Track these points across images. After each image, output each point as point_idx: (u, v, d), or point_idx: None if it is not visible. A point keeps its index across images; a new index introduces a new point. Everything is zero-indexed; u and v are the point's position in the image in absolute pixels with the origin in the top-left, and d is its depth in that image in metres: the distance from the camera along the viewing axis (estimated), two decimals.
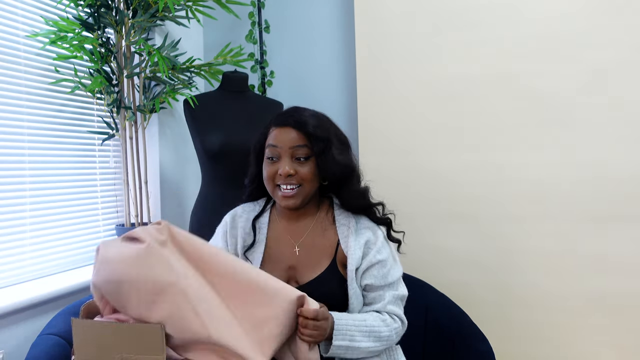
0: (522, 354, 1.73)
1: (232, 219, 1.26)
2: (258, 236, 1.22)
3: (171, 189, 2.17)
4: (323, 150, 1.13)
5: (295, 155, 1.14)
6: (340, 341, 1.05)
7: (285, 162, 1.13)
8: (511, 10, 1.75)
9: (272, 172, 1.15)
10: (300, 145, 1.13)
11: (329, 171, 1.14)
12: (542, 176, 1.71)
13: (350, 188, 1.19)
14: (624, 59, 1.63)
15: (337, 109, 2.13)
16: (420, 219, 1.86)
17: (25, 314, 1.48)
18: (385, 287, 1.15)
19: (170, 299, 0.98)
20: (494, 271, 1.77)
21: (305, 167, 1.14)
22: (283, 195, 1.15)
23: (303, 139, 1.14)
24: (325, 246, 1.18)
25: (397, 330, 1.15)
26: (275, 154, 1.15)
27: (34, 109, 1.65)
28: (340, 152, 1.16)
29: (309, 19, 2.21)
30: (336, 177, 1.15)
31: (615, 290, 1.64)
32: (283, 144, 1.14)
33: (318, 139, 1.13)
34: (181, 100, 1.95)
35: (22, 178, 1.61)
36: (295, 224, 1.22)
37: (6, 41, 1.56)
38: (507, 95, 1.75)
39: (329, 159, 1.13)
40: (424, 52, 1.86)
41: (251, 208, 1.27)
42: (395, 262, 1.20)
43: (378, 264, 1.15)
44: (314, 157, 1.14)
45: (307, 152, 1.14)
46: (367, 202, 1.21)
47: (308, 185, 1.15)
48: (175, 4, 1.85)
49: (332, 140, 1.16)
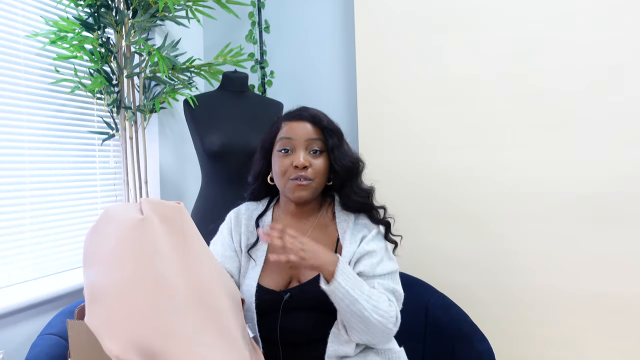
0: (522, 354, 1.74)
1: (236, 216, 1.28)
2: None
3: (171, 189, 2.17)
4: (337, 144, 1.18)
5: (310, 147, 1.18)
6: (342, 280, 1.03)
7: (301, 153, 1.16)
8: (511, 10, 1.75)
9: (286, 164, 1.17)
10: (315, 138, 1.18)
11: (341, 164, 1.17)
12: (542, 176, 1.71)
13: (355, 184, 1.21)
14: (625, 59, 1.62)
15: (337, 109, 2.13)
16: (420, 218, 1.86)
17: (25, 314, 1.48)
18: (375, 277, 1.14)
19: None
20: (494, 271, 1.77)
21: (319, 160, 1.18)
22: (297, 185, 1.16)
23: (318, 133, 1.19)
24: (326, 243, 1.20)
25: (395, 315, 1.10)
26: (290, 146, 1.18)
27: (34, 109, 1.65)
28: (348, 149, 1.22)
29: (309, 19, 2.22)
30: (347, 170, 1.18)
31: (615, 290, 1.64)
32: (299, 136, 1.18)
33: (332, 133, 1.18)
34: (181, 100, 1.95)
35: (22, 178, 1.61)
36: (298, 222, 1.24)
37: (6, 41, 1.56)
38: (507, 95, 1.75)
39: (341, 152, 1.18)
40: (424, 52, 1.86)
41: (254, 207, 1.29)
42: (390, 258, 1.20)
43: (367, 255, 1.16)
44: (326, 152, 1.19)
45: (321, 145, 1.18)
46: (370, 202, 1.22)
47: (319, 180, 1.18)
48: (175, 4, 1.85)
49: (343, 136, 1.22)
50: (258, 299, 1.14)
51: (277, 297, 1.14)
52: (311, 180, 1.16)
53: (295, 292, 1.14)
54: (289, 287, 1.17)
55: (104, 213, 1.00)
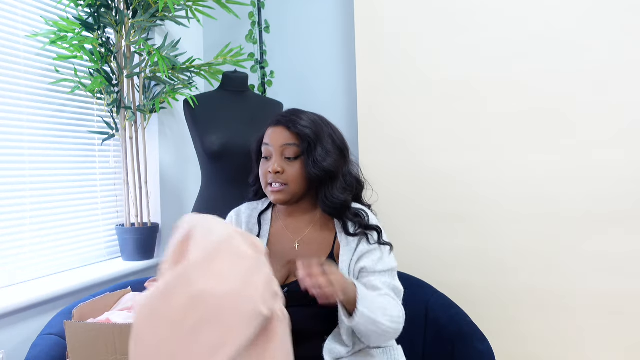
0: (522, 354, 1.73)
1: (237, 215, 1.31)
2: (262, 231, 1.26)
3: (171, 189, 2.17)
4: (309, 149, 1.16)
5: (284, 153, 1.18)
6: (363, 308, 1.03)
7: (275, 160, 1.18)
8: (512, 11, 1.75)
9: (264, 170, 1.20)
10: (289, 144, 1.18)
11: (312, 171, 1.16)
12: (542, 176, 1.71)
13: (329, 190, 1.18)
14: (625, 60, 1.62)
15: (337, 109, 2.13)
16: (420, 218, 1.86)
17: (25, 314, 1.48)
18: (376, 273, 1.16)
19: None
20: (494, 271, 1.77)
21: (293, 167, 1.17)
22: (272, 191, 1.19)
23: (292, 138, 1.18)
24: (323, 241, 1.22)
25: (403, 315, 1.12)
26: (268, 152, 1.20)
27: (34, 109, 1.65)
28: (326, 155, 1.17)
29: (309, 19, 2.21)
30: (316, 176, 1.16)
31: (615, 290, 1.64)
32: (274, 142, 1.19)
33: (305, 139, 1.16)
34: (181, 100, 1.95)
35: (22, 178, 1.61)
36: (295, 221, 1.25)
37: (6, 41, 1.56)
38: (507, 96, 1.75)
39: (315, 157, 1.16)
40: (424, 52, 1.86)
41: (254, 206, 1.32)
42: (388, 255, 1.21)
43: (368, 252, 1.18)
44: (302, 157, 1.17)
45: (295, 151, 1.17)
46: (342, 211, 1.19)
47: (294, 185, 1.18)
48: (175, 4, 1.85)
49: (322, 142, 1.17)
50: None
51: None
52: (286, 185, 1.18)
53: (293, 288, 1.15)
54: (286, 283, 1.18)
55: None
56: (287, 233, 1.24)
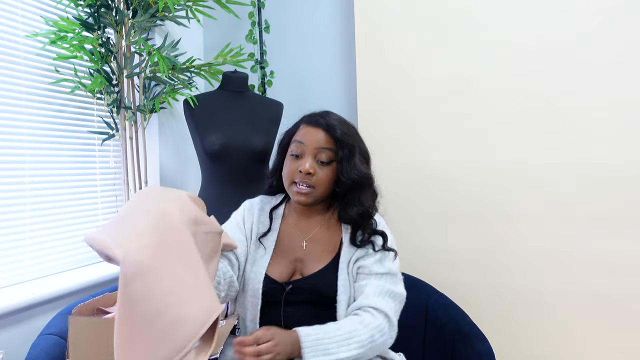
0: (521, 354, 1.73)
1: (250, 205, 1.31)
2: (273, 225, 1.26)
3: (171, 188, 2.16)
4: (347, 156, 1.17)
5: (318, 156, 1.18)
6: (313, 358, 1.02)
7: (308, 160, 1.17)
8: (512, 11, 1.75)
9: (293, 168, 1.19)
10: (325, 148, 1.18)
11: (347, 176, 1.16)
12: (542, 176, 1.71)
13: (357, 198, 1.19)
14: (625, 59, 1.62)
15: (337, 109, 2.09)
16: (420, 218, 1.86)
17: (25, 314, 1.48)
18: (371, 275, 1.16)
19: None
20: (494, 271, 1.77)
21: (324, 171, 1.18)
22: (297, 191, 1.18)
23: (330, 142, 1.18)
24: (330, 242, 1.23)
25: (381, 329, 1.09)
26: (300, 151, 1.19)
27: (34, 109, 1.65)
28: (360, 165, 1.19)
29: (309, 18, 2.21)
30: (352, 183, 1.17)
31: (615, 290, 1.64)
32: (310, 142, 1.18)
33: (344, 145, 1.17)
34: (181, 100, 1.95)
35: (22, 178, 1.61)
36: (305, 220, 1.26)
37: (6, 41, 1.56)
38: (507, 96, 1.75)
39: (351, 165, 1.17)
40: (424, 52, 1.86)
41: (268, 200, 1.32)
42: (390, 259, 1.20)
43: (366, 255, 1.18)
44: (335, 163, 1.18)
45: (330, 156, 1.18)
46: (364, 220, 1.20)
47: (320, 189, 1.18)
48: (175, 4, 1.85)
49: (357, 151, 1.20)
50: (265, 286, 1.17)
51: (279, 288, 1.17)
52: (313, 188, 1.17)
53: (296, 285, 1.17)
54: (291, 280, 1.19)
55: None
56: (296, 231, 1.26)
